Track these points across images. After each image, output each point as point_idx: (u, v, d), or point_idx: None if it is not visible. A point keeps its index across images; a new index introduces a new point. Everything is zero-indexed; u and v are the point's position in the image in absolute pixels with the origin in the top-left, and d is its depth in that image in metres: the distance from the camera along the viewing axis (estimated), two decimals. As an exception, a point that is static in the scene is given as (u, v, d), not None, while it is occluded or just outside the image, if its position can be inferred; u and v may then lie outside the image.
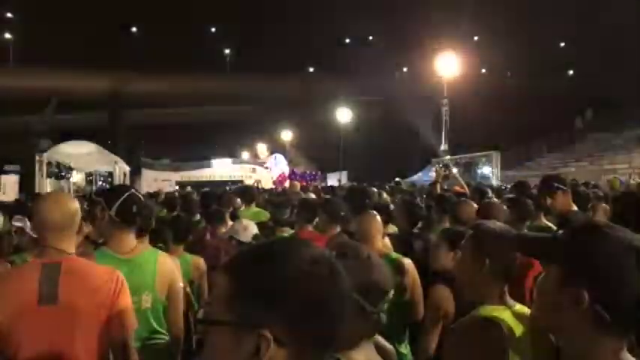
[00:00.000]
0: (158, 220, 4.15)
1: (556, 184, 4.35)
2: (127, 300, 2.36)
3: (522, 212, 4.07)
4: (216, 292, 1.02)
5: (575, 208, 4.42)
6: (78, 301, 2.21)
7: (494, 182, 21.85)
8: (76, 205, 2.36)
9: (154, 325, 2.87)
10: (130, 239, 2.84)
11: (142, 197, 2.92)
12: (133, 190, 2.88)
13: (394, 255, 3.68)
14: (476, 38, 56.68)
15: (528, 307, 1.86)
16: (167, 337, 2.96)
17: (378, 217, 3.70)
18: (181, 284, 3.10)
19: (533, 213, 4.33)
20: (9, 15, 53.19)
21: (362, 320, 1.51)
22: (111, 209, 2.76)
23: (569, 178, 9.28)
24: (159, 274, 2.88)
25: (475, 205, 4.25)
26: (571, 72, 60.31)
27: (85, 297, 2.23)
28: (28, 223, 4.41)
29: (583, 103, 42.31)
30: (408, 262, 3.59)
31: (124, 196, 2.78)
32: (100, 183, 25.12)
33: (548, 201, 4.31)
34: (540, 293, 1.32)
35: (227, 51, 59.60)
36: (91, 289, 2.25)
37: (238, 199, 7.21)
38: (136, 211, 2.80)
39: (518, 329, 1.88)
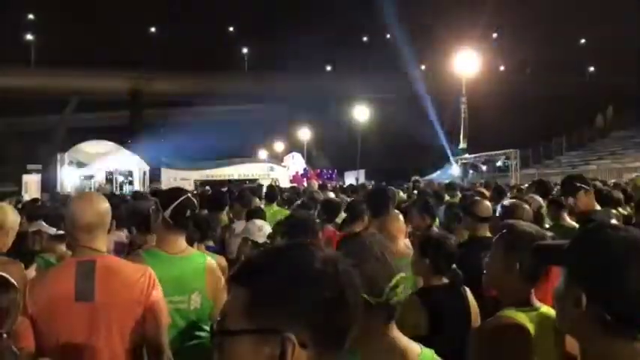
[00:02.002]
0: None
1: (579, 184, 4.28)
2: (159, 296, 2.39)
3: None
4: (232, 303, 1.01)
5: (598, 207, 4.37)
6: (113, 298, 2.27)
7: (513, 180, 21.65)
8: (106, 204, 2.41)
9: (202, 324, 2.90)
10: (181, 241, 2.88)
11: (195, 202, 2.96)
12: (188, 194, 2.91)
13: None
14: (495, 35, 56.24)
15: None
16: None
17: (401, 218, 3.71)
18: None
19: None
20: (30, 16, 53.96)
21: (368, 314, 1.45)
22: (165, 211, 2.81)
23: (590, 176, 9.18)
24: (208, 275, 2.91)
25: (488, 204, 4.22)
26: (592, 69, 59.53)
27: (120, 294, 2.29)
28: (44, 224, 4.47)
29: (604, 101, 41.67)
30: None
31: (179, 200, 2.82)
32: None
33: (571, 201, 4.26)
34: (554, 297, 1.33)
35: (245, 50, 59.83)
36: (125, 286, 2.31)
37: (257, 199, 7.22)
38: (190, 216, 2.85)
39: (536, 331, 1.87)
